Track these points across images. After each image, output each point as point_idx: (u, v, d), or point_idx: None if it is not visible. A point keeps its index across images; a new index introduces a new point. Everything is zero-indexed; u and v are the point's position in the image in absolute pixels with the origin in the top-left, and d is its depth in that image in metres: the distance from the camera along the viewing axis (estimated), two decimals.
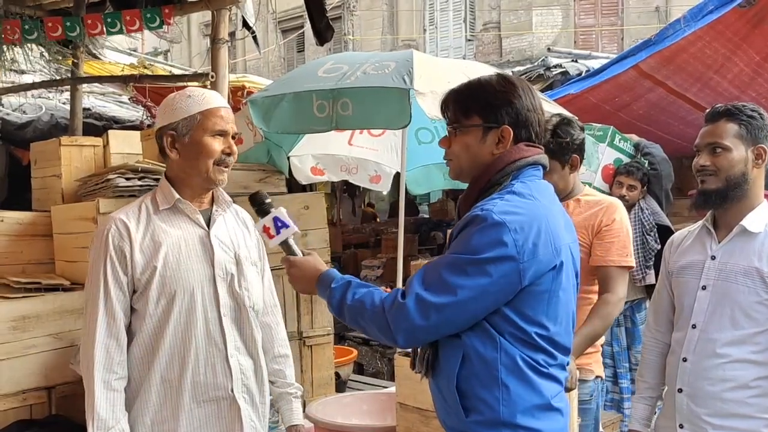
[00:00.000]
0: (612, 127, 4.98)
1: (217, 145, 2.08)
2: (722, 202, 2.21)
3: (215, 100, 2.15)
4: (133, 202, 2.18)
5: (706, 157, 2.21)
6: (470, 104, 1.81)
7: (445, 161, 1.90)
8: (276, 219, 1.91)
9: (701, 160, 2.23)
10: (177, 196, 2.11)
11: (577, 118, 2.94)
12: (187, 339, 2.06)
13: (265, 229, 1.92)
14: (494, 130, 1.78)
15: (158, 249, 2.06)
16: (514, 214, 1.67)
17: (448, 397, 1.76)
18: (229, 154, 2.11)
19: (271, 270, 2.46)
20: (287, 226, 1.91)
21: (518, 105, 1.77)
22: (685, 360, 2.22)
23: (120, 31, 4.53)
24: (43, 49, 5.93)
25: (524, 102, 1.78)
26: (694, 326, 2.22)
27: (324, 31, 5.18)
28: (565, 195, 2.72)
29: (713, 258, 2.23)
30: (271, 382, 2.35)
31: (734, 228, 2.21)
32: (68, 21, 4.59)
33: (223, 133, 2.10)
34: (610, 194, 4.76)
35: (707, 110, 2.31)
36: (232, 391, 2.12)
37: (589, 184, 4.73)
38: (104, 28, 4.46)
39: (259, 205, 1.96)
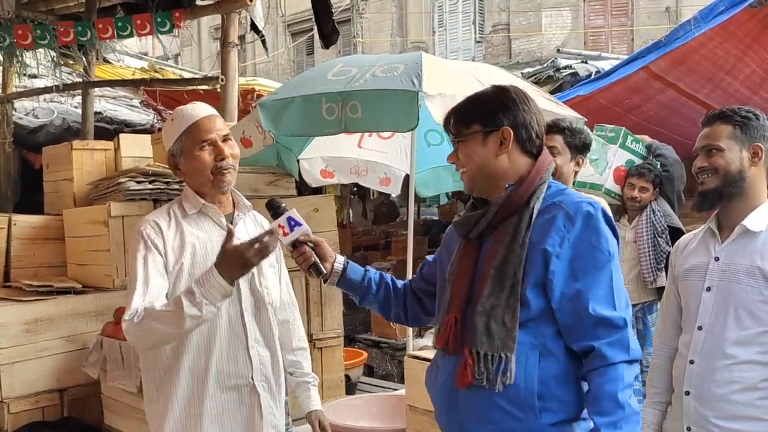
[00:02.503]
0: (624, 128, 4.95)
1: (207, 155, 2.19)
2: (719, 201, 2.23)
3: (196, 113, 2.24)
4: (160, 208, 2.32)
5: (702, 159, 2.25)
6: (469, 115, 1.89)
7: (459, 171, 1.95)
8: (290, 218, 2.03)
9: (698, 162, 2.27)
10: (203, 201, 2.24)
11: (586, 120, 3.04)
12: (212, 331, 2.18)
13: (280, 228, 2.02)
14: (494, 133, 1.85)
15: (186, 249, 2.18)
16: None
17: (519, 401, 1.74)
18: (222, 159, 2.20)
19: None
20: (300, 225, 2.02)
21: (514, 108, 1.86)
22: (692, 362, 2.20)
23: (130, 35, 4.57)
24: (54, 54, 5.98)
25: (520, 105, 1.87)
26: (700, 328, 2.21)
27: (330, 35, 5.20)
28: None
29: (717, 259, 2.22)
30: (290, 373, 2.47)
31: (736, 228, 2.21)
32: (79, 26, 4.63)
33: (208, 142, 2.20)
34: (621, 196, 4.74)
35: (703, 116, 2.35)
36: (252, 379, 2.24)
37: (601, 187, 4.72)
38: (115, 32, 4.50)
39: (275, 209, 2.07)
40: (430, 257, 2.18)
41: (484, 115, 1.86)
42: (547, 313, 1.77)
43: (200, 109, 2.26)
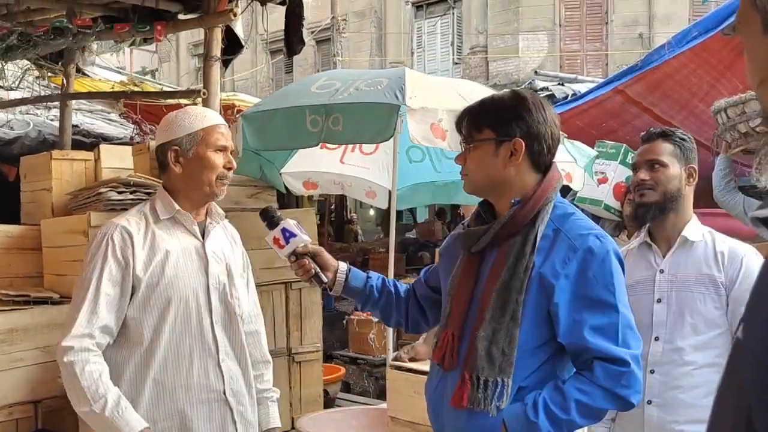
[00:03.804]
0: (624, 144, 5.03)
1: (219, 159, 2.19)
2: (660, 214, 2.31)
3: (216, 117, 2.27)
4: (130, 210, 2.25)
5: (645, 173, 2.32)
6: (482, 120, 1.85)
7: (459, 176, 1.94)
8: (284, 230, 1.98)
9: (641, 174, 2.33)
10: (177, 207, 2.19)
11: None
12: (181, 344, 2.14)
13: (275, 241, 1.99)
14: (506, 143, 1.80)
15: (157, 257, 2.13)
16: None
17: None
18: (229, 169, 2.22)
19: (258, 286, 2.56)
20: (295, 235, 1.98)
21: (529, 118, 1.80)
22: (652, 372, 2.24)
23: (110, 29, 4.59)
24: (31, 65, 5.95)
25: (535, 115, 1.80)
26: (657, 338, 2.26)
27: (295, 45, 5.26)
28: None
29: (662, 271, 2.31)
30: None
31: (676, 239, 2.30)
32: (57, 22, 4.66)
33: (223, 149, 2.20)
34: (621, 212, 4.79)
35: (643, 133, 2.45)
36: (224, 393, 2.19)
37: (600, 203, 4.76)
38: (94, 30, 4.53)
39: (269, 220, 2.03)
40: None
41: (496, 121, 1.82)
42: (546, 344, 1.78)
43: (218, 116, 2.30)
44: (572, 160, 4.03)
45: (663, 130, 2.38)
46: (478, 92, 3.70)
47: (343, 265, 2.07)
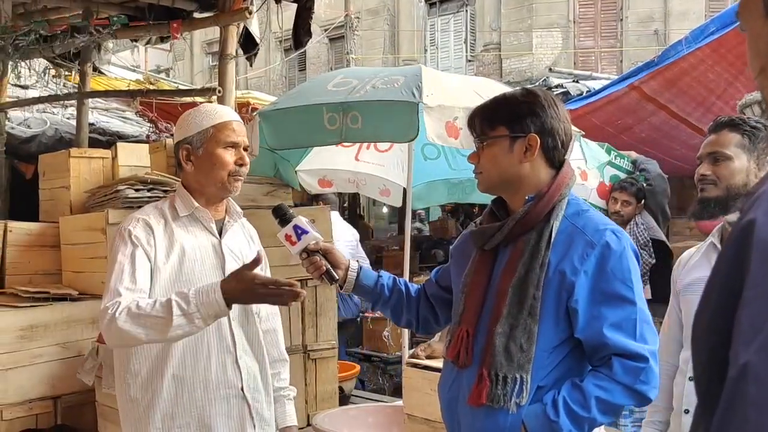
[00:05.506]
0: (607, 144, 5.03)
1: (229, 156, 2.19)
2: (722, 211, 2.16)
3: (227, 114, 2.27)
4: (147, 206, 2.28)
5: (706, 166, 2.18)
6: (495, 117, 1.84)
7: (473, 174, 1.93)
8: (296, 227, 1.99)
9: (702, 169, 2.19)
10: (196, 204, 2.22)
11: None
12: (199, 340, 2.14)
13: (287, 237, 1.99)
14: (521, 140, 1.80)
15: (176, 253, 2.15)
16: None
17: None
18: (241, 165, 2.22)
19: None
20: (307, 232, 1.98)
21: (542, 114, 1.80)
22: (691, 379, 2.13)
23: (126, 26, 4.64)
24: (48, 64, 6.00)
25: (548, 111, 1.80)
26: None
27: (302, 37, 5.30)
28: None
29: None
30: None
31: None
32: (73, 18, 4.71)
33: (234, 145, 2.21)
34: (606, 211, 4.80)
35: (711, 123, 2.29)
36: (242, 389, 2.20)
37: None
38: (110, 28, 4.59)
39: (281, 217, 2.04)
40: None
41: (509, 118, 1.82)
42: (565, 342, 1.77)
43: (231, 112, 2.30)
44: (584, 159, 4.03)
45: (731, 118, 2.20)
46: (495, 90, 3.69)
47: (354, 263, 2.07)
